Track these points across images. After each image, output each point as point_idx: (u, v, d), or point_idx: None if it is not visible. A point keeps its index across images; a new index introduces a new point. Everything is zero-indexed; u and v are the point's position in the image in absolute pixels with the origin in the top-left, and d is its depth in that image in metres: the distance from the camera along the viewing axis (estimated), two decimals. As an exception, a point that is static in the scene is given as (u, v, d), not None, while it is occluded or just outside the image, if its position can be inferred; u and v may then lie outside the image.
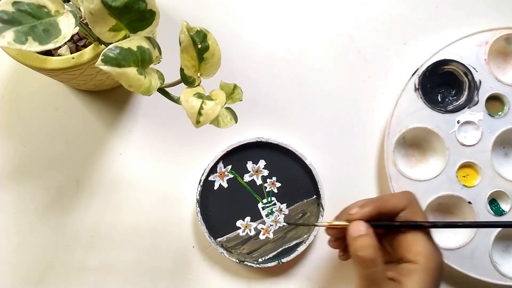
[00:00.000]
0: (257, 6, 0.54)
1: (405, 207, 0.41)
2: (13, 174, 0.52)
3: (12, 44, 0.29)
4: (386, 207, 0.41)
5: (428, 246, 0.40)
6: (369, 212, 0.41)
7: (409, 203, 0.41)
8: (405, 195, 0.42)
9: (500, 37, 0.50)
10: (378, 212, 0.41)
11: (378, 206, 0.41)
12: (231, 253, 0.49)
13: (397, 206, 0.41)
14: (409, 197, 0.42)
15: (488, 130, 0.50)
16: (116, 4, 0.31)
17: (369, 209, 0.41)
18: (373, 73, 0.53)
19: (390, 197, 0.43)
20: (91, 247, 0.51)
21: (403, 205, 0.41)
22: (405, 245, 0.40)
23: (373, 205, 0.41)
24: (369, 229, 0.40)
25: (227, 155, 0.50)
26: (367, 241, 0.40)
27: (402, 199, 0.42)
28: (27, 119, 0.52)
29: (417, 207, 0.42)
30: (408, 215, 0.41)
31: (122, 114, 0.52)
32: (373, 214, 0.41)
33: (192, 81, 0.35)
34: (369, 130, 0.53)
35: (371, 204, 0.41)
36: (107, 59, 0.30)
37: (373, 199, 0.43)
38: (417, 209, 0.42)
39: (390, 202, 0.42)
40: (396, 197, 0.43)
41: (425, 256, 0.39)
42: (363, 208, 0.41)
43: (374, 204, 0.41)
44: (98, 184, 0.51)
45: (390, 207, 0.41)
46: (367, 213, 0.41)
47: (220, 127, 0.35)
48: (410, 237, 0.40)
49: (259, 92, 0.53)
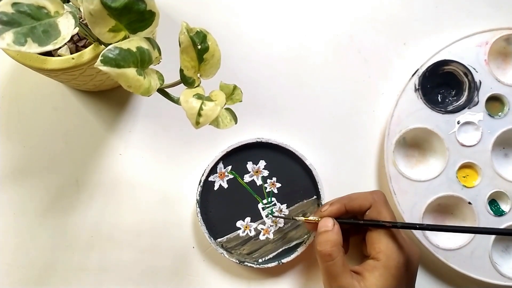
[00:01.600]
0: (257, 6, 0.54)
1: (371, 206, 0.44)
2: (13, 174, 0.52)
3: (12, 46, 0.29)
4: (353, 205, 0.44)
5: (390, 244, 0.42)
6: (336, 209, 0.44)
7: (375, 202, 0.44)
8: (373, 194, 0.45)
9: (500, 37, 0.50)
10: (345, 209, 0.44)
11: (345, 204, 0.44)
12: (231, 254, 0.49)
13: (363, 205, 0.44)
14: (376, 197, 0.44)
15: (488, 130, 0.50)
16: (115, 4, 0.30)
17: (336, 207, 0.44)
18: (373, 73, 0.53)
19: (358, 196, 0.45)
20: (91, 247, 0.51)
21: (368, 203, 0.44)
22: (370, 242, 0.44)
23: (341, 203, 0.45)
24: (335, 226, 0.43)
25: (227, 155, 0.50)
26: (328, 237, 0.43)
27: (369, 198, 0.44)
28: (26, 119, 0.52)
29: (382, 207, 0.44)
30: (372, 214, 0.44)
31: (122, 115, 0.52)
32: (341, 211, 0.44)
33: (192, 81, 0.35)
34: (369, 130, 0.53)
35: (339, 202, 0.45)
36: (106, 59, 0.30)
37: (342, 198, 0.45)
38: (381, 208, 0.44)
39: (357, 201, 0.44)
40: (363, 196, 0.45)
41: (386, 254, 0.42)
42: (332, 205, 0.45)
43: (342, 202, 0.45)
44: (98, 184, 0.51)
45: (356, 206, 0.44)
46: (335, 210, 0.44)
47: (220, 128, 0.35)
48: (375, 235, 0.43)
49: (259, 92, 0.53)
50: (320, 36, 0.54)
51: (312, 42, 0.54)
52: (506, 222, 0.49)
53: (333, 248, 0.42)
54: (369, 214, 0.44)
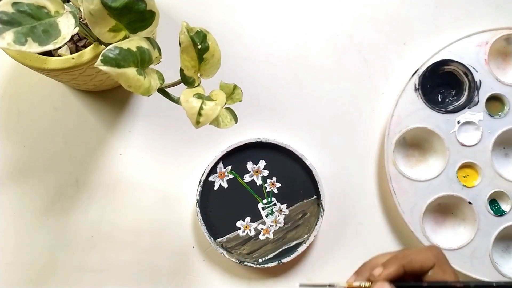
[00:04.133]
0: (257, 6, 0.54)
1: (433, 265, 0.38)
2: (13, 174, 0.52)
3: (12, 45, 0.29)
4: (413, 266, 0.38)
5: None
6: (394, 272, 0.38)
7: (438, 261, 0.38)
8: (432, 251, 0.39)
9: (500, 37, 0.50)
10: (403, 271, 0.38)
11: (404, 265, 0.38)
12: (231, 254, 0.49)
13: (424, 264, 0.38)
14: (437, 254, 0.38)
15: (488, 130, 0.50)
16: (115, 4, 0.30)
17: (394, 269, 0.38)
18: (373, 73, 0.53)
19: (417, 254, 0.39)
20: (91, 247, 0.51)
21: (431, 262, 0.38)
22: None
23: (398, 264, 0.38)
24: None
25: (227, 155, 0.50)
26: None
27: (430, 255, 0.38)
28: (27, 119, 0.52)
29: (446, 265, 0.38)
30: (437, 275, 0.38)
31: (122, 114, 0.52)
32: (399, 274, 0.38)
33: (192, 81, 0.35)
34: (369, 130, 0.53)
35: (396, 263, 0.38)
36: (106, 59, 0.30)
37: (397, 256, 0.39)
38: (446, 267, 0.38)
39: (417, 260, 0.38)
40: (423, 254, 0.39)
41: None
42: (387, 267, 0.38)
43: (399, 263, 0.38)
44: (98, 184, 0.51)
45: (417, 266, 0.38)
46: (392, 273, 0.38)
47: (220, 127, 0.35)
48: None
49: (259, 92, 0.53)
50: (320, 36, 0.54)
51: (312, 42, 0.54)
52: (506, 222, 0.49)
53: None
54: (433, 274, 0.38)
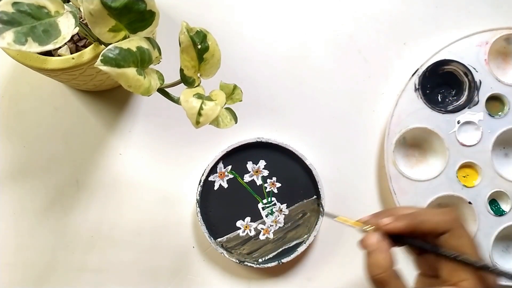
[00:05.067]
0: (257, 6, 0.54)
1: (448, 230, 0.36)
2: (13, 174, 0.52)
3: (12, 45, 0.29)
4: (424, 227, 0.36)
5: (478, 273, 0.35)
6: (401, 227, 0.36)
7: (454, 226, 0.36)
8: (451, 215, 0.36)
9: (500, 37, 0.50)
10: (414, 229, 0.36)
11: (416, 225, 0.36)
12: (231, 254, 0.49)
13: (438, 228, 0.36)
14: (454, 218, 0.36)
15: (488, 130, 0.50)
16: (115, 4, 0.30)
17: (402, 224, 0.36)
18: (373, 73, 0.53)
19: (432, 216, 0.37)
20: (91, 247, 0.51)
21: (446, 227, 0.36)
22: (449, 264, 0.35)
23: (409, 221, 0.36)
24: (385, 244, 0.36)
25: (227, 155, 0.50)
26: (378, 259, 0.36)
27: (446, 220, 0.36)
28: (27, 119, 0.52)
29: (462, 230, 0.36)
30: (451, 241, 0.35)
31: (122, 114, 0.52)
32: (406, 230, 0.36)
33: (192, 81, 0.35)
34: (369, 130, 0.53)
35: (407, 219, 0.36)
36: (106, 59, 0.30)
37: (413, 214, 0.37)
38: (462, 232, 0.36)
39: (431, 222, 0.36)
40: (438, 217, 0.36)
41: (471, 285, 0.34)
42: (398, 221, 0.36)
43: (410, 221, 0.36)
44: (98, 184, 0.51)
45: (429, 227, 0.36)
46: (399, 227, 0.36)
47: (220, 127, 0.35)
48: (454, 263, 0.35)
49: (259, 92, 0.53)
50: (320, 36, 0.54)
51: (312, 42, 0.54)
52: (506, 222, 0.49)
53: (385, 274, 0.35)
54: (448, 240, 0.35)
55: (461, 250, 0.35)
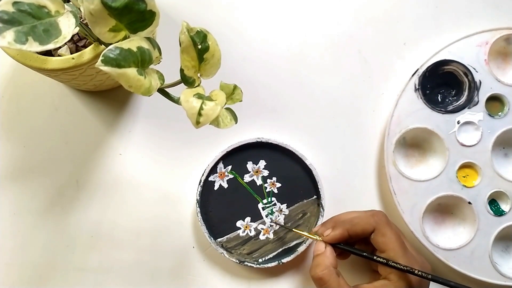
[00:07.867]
0: (258, 6, 0.54)
1: (374, 229, 0.43)
2: (13, 174, 0.52)
3: (13, 44, 0.29)
4: (356, 230, 0.44)
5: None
6: (339, 235, 0.44)
7: (378, 225, 0.43)
8: (374, 217, 0.44)
9: (500, 37, 0.50)
10: (348, 234, 0.44)
11: (348, 229, 0.44)
12: (231, 254, 0.49)
13: (365, 229, 0.44)
14: (378, 219, 0.44)
15: (488, 130, 0.50)
16: (116, 4, 0.30)
17: (339, 232, 0.44)
18: (373, 73, 0.53)
19: (359, 220, 0.44)
20: (91, 247, 0.51)
21: (371, 227, 0.43)
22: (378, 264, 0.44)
23: (343, 228, 0.44)
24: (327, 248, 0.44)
25: (227, 155, 0.50)
26: (319, 260, 0.43)
27: (370, 221, 0.44)
28: (27, 120, 0.52)
29: (386, 228, 0.43)
30: (377, 238, 0.43)
31: (122, 114, 0.52)
32: (344, 237, 0.44)
33: (192, 81, 0.35)
34: (369, 130, 0.53)
35: (342, 226, 0.44)
36: (107, 59, 0.30)
37: (344, 221, 0.45)
38: (385, 230, 0.43)
39: (359, 225, 0.44)
40: (364, 219, 0.44)
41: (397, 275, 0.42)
42: (334, 230, 0.44)
43: (344, 227, 0.44)
44: (98, 184, 0.51)
45: (359, 230, 0.44)
46: (338, 236, 0.44)
47: (220, 127, 0.35)
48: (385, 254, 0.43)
49: (259, 92, 0.53)
50: (320, 36, 0.54)
51: (312, 42, 0.54)
52: (506, 222, 0.49)
53: (324, 272, 0.42)
54: (374, 238, 0.44)
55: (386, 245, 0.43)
